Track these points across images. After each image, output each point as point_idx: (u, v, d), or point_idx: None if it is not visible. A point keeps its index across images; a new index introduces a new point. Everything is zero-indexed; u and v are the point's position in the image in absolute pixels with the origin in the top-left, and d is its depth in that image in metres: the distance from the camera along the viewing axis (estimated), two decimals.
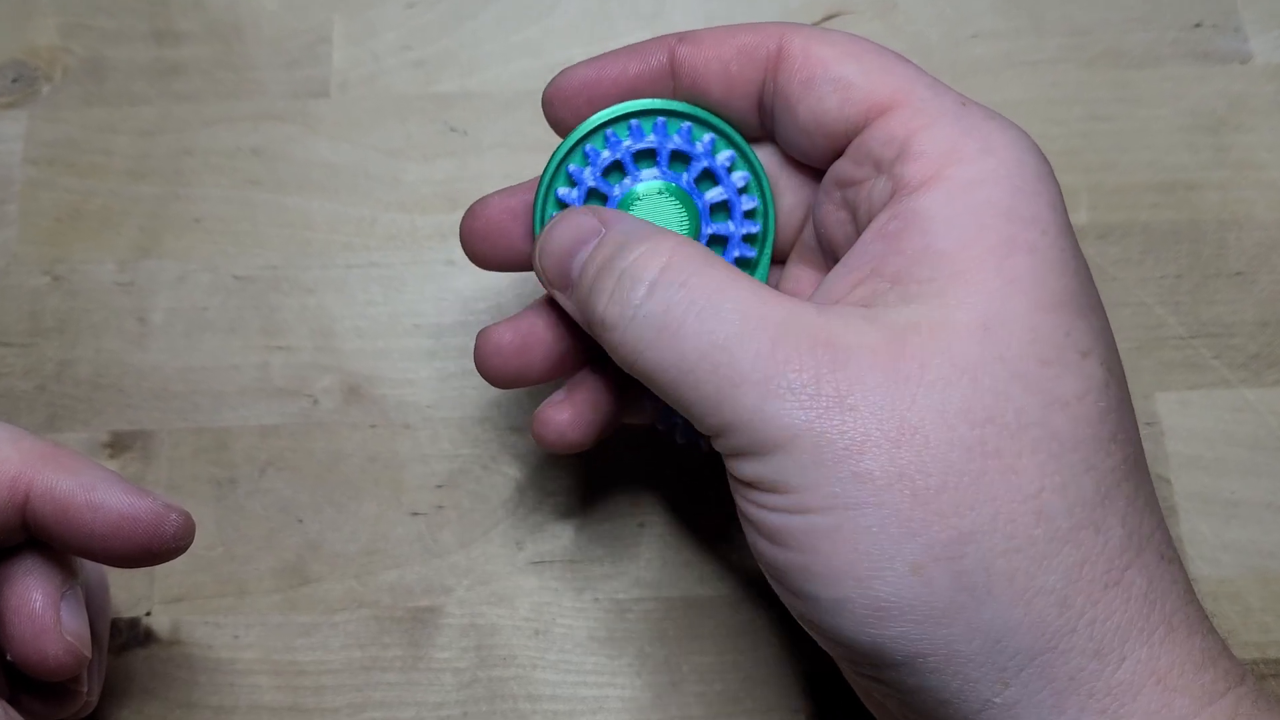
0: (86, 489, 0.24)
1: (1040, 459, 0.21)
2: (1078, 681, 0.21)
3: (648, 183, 0.26)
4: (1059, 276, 0.22)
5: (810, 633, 0.23)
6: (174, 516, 0.24)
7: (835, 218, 0.26)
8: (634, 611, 0.31)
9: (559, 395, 0.28)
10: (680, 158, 0.27)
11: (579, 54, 0.36)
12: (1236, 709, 0.21)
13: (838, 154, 0.25)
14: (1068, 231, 0.23)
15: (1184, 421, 0.33)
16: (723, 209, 0.27)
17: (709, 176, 0.27)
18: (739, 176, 0.27)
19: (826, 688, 0.31)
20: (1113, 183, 0.35)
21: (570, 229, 0.25)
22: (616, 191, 0.26)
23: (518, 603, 0.31)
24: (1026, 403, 0.21)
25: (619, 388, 0.28)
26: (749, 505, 0.23)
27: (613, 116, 0.26)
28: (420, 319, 0.34)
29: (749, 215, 0.27)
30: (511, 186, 0.28)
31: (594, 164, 0.26)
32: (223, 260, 0.35)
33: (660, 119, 0.26)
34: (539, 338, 0.27)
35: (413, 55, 0.37)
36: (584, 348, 0.27)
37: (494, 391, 0.33)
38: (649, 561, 0.32)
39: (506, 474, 0.33)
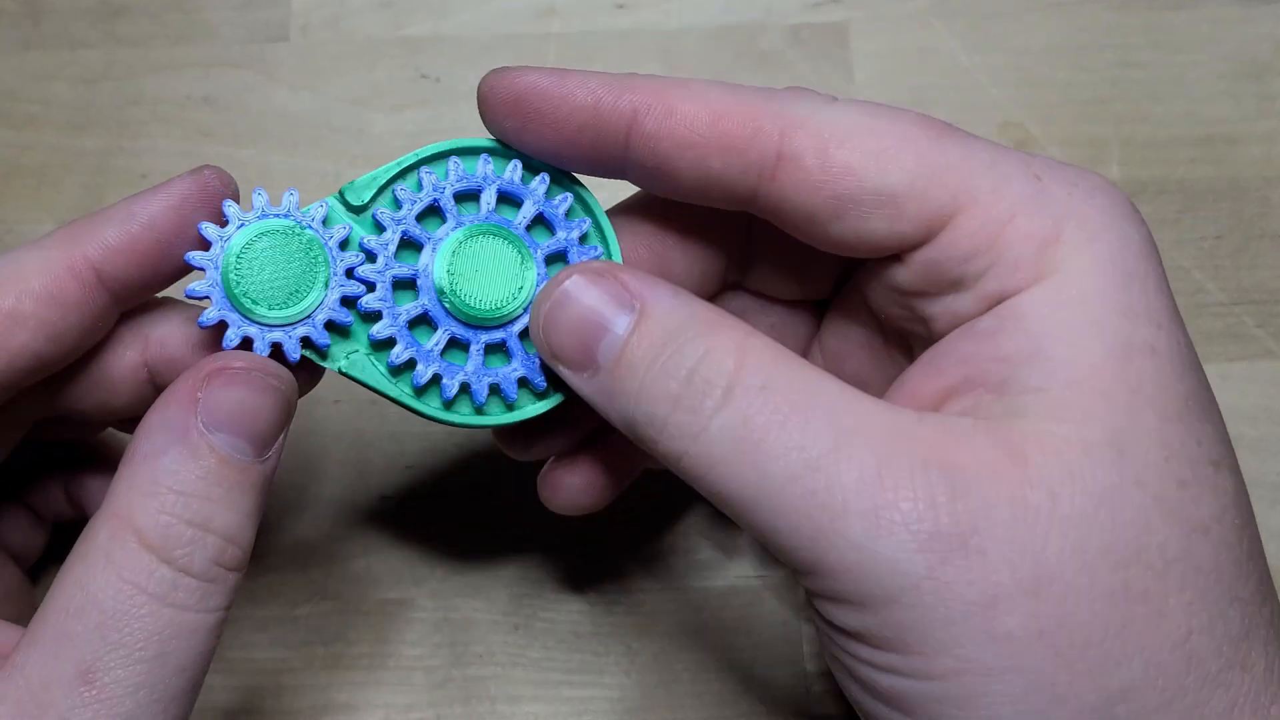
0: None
1: (1187, 598, 0.19)
2: None
3: (475, 224, 0.23)
4: (1181, 378, 0.20)
5: None
6: None
7: (895, 314, 0.23)
8: (622, 604, 0.30)
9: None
10: (509, 201, 0.24)
11: None
12: None
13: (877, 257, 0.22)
14: (1179, 319, 0.21)
15: (1225, 397, 0.31)
16: (560, 259, 0.24)
17: (542, 223, 0.24)
18: (576, 223, 0.24)
19: (831, 687, 0.30)
20: (1146, 135, 0.34)
21: (591, 298, 0.21)
22: (440, 235, 0.23)
23: (495, 595, 0.31)
24: (1169, 535, 0.19)
25: None
26: (852, 661, 0.20)
27: (434, 153, 0.23)
28: None
29: None
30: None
31: (407, 205, 0.23)
32: None
33: (484, 156, 0.24)
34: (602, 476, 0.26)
35: None
36: None
37: None
38: (639, 550, 0.31)
39: (482, 453, 0.32)
